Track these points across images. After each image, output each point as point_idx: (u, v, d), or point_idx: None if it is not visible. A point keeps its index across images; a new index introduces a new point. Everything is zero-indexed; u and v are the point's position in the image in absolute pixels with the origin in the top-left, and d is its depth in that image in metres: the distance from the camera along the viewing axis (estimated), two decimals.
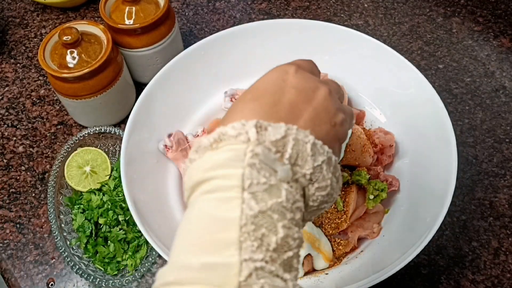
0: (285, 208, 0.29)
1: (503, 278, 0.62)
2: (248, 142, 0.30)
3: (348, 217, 0.60)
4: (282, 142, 0.31)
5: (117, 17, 0.70)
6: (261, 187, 0.29)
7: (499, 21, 0.86)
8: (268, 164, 0.30)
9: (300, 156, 0.31)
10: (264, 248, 0.27)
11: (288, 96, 0.34)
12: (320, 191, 0.33)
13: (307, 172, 0.31)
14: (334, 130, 0.35)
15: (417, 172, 0.63)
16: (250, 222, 0.27)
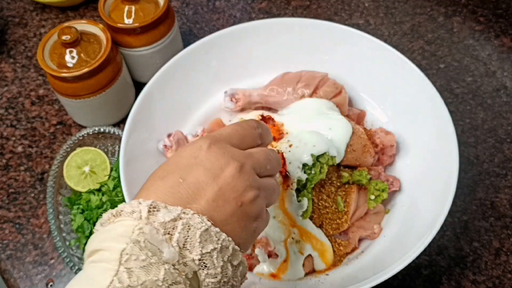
0: (159, 287, 0.30)
1: (504, 278, 0.61)
2: (139, 220, 0.32)
3: (349, 217, 0.60)
4: (172, 225, 0.32)
5: (116, 17, 0.70)
6: (139, 264, 0.30)
7: (500, 20, 0.86)
8: (154, 244, 0.31)
9: (188, 240, 0.32)
10: None
11: (194, 175, 0.35)
12: (210, 277, 0.33)
13: (195, 257, 0.32)
14: (241, 210, 0.36)
15: (418, 172, 0.63)
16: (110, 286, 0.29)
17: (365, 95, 0.71)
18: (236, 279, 0.35)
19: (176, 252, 0.32)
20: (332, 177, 0.61)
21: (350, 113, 0.69)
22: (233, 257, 0.35)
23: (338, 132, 0.61)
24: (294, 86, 0.67)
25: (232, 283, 0.35)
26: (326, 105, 0.65)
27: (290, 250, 0.58)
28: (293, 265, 0.58)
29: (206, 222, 0.33)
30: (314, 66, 0.70)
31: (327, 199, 0.60)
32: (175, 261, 0.31)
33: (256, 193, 0.37)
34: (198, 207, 0.34)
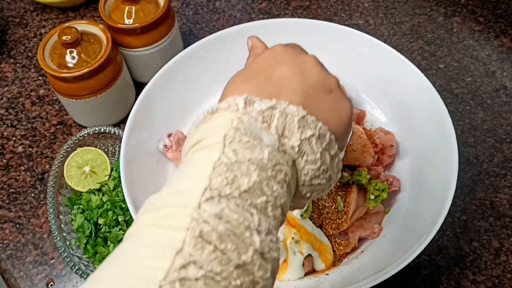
0: (265, 165, 0.30)
1: (503, 278, 0.61)
2: (237, 111, 0.32)
3: (349, 217, 0.60)
4: (269, 113, 0.32)
5: (116, 17, 0.70)
6: (242, 145, 0.30)
7: (499, 20, 0.86)
8: (253, 131, 0.31)
9: (287, 127, 0.32)
10: (234, 186, 0.28)
11: (278, 72, 0.35)
12: (310, 164, 0.32)
13: (294, 144, 0.32)
14: (331, 97, 0.35)
15: (418, 172, 0.63)
16: (224, 165, 0.29)
17: (364, 95, 0.71)
18: (333, 171, 0.35)
19: (276, 139, 0.31)
20: None
21: None
22: (330, 146, 0.34)
23: None
24: None
25: (330, 174, 0.34)
26: None
27: (290, 250, 0.58)
28: (293, 265, 0.58)
29: (301, 110, 0.32)
30: None
31: (327, 199, 0.60)
32: (275, 147, 0.31)
33: (337, 79, 0.37)
34: (288, 97, 0.33)
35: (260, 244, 0.27)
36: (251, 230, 0.27)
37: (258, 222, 0.27)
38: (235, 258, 0.25)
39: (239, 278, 0.25)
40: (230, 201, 0.27)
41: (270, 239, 0.28)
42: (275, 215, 0.29)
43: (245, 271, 0.26)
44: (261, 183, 0.29)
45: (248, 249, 0.26)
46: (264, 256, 0.27)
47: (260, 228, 0.27)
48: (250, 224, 0.27)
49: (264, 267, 0.27)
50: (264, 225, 0.28)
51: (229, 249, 0.25)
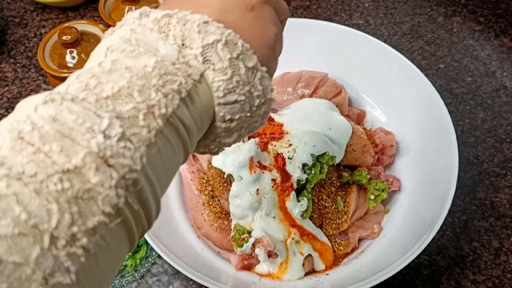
0: (148, 73, 0.26)
1: (504, 278, 0.61)
2: (132, 24, 0.29)
3: (349, 217, 0.60)
4: (167, 21, 0.29)
5: (116, 17, 0.70)
6: (126, 54, 0.27)
7: (500, 20, 0.86)
8: (147, 42, 0.28)
9: (186, 34, 0.28)
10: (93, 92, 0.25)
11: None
12: (219, 74, 0.28)
13: (196, 52, 0.28)
14: (253, 14, 0.31)
15: (418, 172, 0.63)
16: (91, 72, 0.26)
17: (364, 95, 0.71)
18: (255, 87, 0.30)
19: (176, 49, 0.28)
20: (332, 177, 0.61)
21: (350, 113, 0.69)
22: (245, 56, 0.29)
23: (338, 132, 0.62)
24: (294, 86, 0.68)
25: (249, 89, 0.30)
26: (326, 105, 0.65)
27: (290, 250, 0.58)
28: (293, 265, 0.58)
29: (204, 16, 0.29)
30: (314, 66, 0.70)
31: (327, 199, 0.60)
32: (174, 59, 0.28)
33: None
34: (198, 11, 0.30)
35: (98, 147, 0.23)
36: (94, 133, 0.23)
37: (107, 126, 0.23)
38: (62, 161, 0.22)
39: (63, 183, 0.21)
40: (76, 105, 0.24)
41: (124, 146, 0.23)
42: (151, 126, 0.25)
43: (77, 177, 0.22)
44: (131, 89, 0.25)
45: (80, 151, 0.22)
46: (106, 160, 0.23)
47: (109, 132, 0.23)
48: (93, 126, 0.23)
49: (105, 174, 0.22)
50: (117, 129, 0.24)
51: (54, 151, 0.22)
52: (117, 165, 0.23)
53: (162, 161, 0.26)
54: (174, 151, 0.27)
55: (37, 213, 0.20)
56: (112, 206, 0.22)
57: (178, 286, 0.61)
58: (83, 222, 0.21)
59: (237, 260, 0.59)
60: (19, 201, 0.20)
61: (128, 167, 0.23)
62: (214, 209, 0.61)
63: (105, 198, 0.22)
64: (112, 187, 0.23)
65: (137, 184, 0.24)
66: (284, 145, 0.60)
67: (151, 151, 0.25)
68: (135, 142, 0.24)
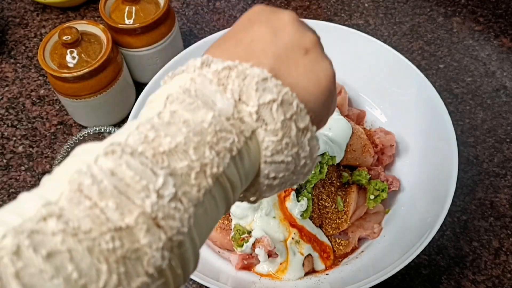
0: (204, 129, 0.26)
1: (503, 278, 0.61)
2: (193, 73, 0.29)
3: (349, 217, 0.60)
4: (226, 74, 0.28)
5: (117, 17, 0.70)
6: (185, 106, 0.26)
7: (499, 20, 0.86)
8: (205, 94, 0.27)
9: (244, 91, 0.28)
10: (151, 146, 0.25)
11: (250, 33, 0.31)
12: (270, 135, 0.28)
13: (251, 110, 0.27)
14: (309, 59, 0.31)
15: (418, 172, 0.63)
16: (150, 124, 0.26)
17: (364, 95, 0.71)
18: (303, 149, 0.29)
19: (232, 104, 0.27)
20: (332, 177, 0.61)
21: (349, 113, 0.69)
22: (298, 116, 0.29)
23: (337, 132, 0.62)
24: None
25: (298, 151, 0.29)
26: None
27: (290, 250, 0.58)
28: (293, 265, 0.58)
29: (264, 72, 0.28)
30: None
31: (327, 199, 0.60)
32: (229, 113, 0.27)
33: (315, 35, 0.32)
34: (256, 61, 0.29)
35: (151, 207, 0.23)
36: (149, 191, 0.23)
37: (162, 185, 0.23)
38: (116, 219, 0.22)
39: (114, 242, 0.21)
40: (134, 159, 0.24)
41: (175, 207, 0.24)
42: (201, 185, 0.25)
43: (127, 236, 0.22)
44: (187, 146, 0.25)
45: (134, 210, 0.22)
46: (157, 222, 0.23)
47: (163, 192, 0.23)
48: (149, 185, 0.23)
49: (154, 235, 0.22)
50: (170, 189, 0.24)
51: (110, 208, 0.22)
52: (166, 226, 0.23)
53: (206, 219, 0.26)
54: (218, 209, 0.27)
55: (87, 272, 0.21)
56: (155, 268, 0.23)
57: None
58: (128, 283, 0.22)
59: (237, 260, 0.59)
60: (72, 259, 0.20)
61: (176, 229, 0.23)
62: None
63: (151, 259, 0.22)
64: (159, 249, 0.23)
65: (182, 246, 0.24)
66: None
67: (198, 211, 0.25)
68: (185, 203, 0.24)
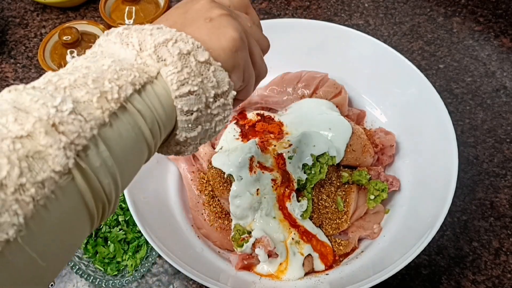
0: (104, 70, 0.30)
1: (503, 278, 0.61)
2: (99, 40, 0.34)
3: (349, 217, 0.60)
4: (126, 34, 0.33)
5: (117, 17, 0.70)
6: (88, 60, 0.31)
7: (499, 21, 0.86)
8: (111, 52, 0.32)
9: (142, 40, 0.32)
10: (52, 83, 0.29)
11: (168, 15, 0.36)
12: (171, 68, 0.32)
13: (150, 52, 0.32)
14: (211, 24, 0.35)
15: (418, 172, 0.63)
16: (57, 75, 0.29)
17: (364, 95, 0.71)
18: (209, 79, 0.33)
19: (133, 53, 0.32)
20: (332, 177, 0.61)
21: (350, 113, 0.69)
22: (197, 52, 0.33)
23: (338, 132, 0.62)
24: (294, 86, 0.68)
25: (203, 80, 0.33)
26: (326, 105, 0.65)
27: (290, 250, 0.58)
28: (293, 265, 0.58)
29: (159, 25, 0.33)
30: (314, 66, 0.70)
31: (327, 199, 0.60)
32: (132, 60, 0.32)
33: (226, 12, 0.36)
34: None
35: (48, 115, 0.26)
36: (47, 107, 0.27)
37: (60, 102, 0.27)
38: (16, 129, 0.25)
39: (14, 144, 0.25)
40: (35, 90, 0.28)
41: (74, 118, 0.27)
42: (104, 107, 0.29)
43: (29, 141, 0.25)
44: (86, 79, 0.29)
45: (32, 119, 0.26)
46: (56, 128, 0.26)
47: (61, 107, 0.27)
48: (47, 102, 0.27)
49: (54, 137, 0.26)
50: (68, 105, 0.27)
51: (9, 122, 0.26)
52: (66, 131, 0.27)
53: (121, 143, 0.29)
54: (136, 139, 0.31)
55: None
56: (62, 166, 0.26)
57: (178, 286, 0.61)
58: (32, 175, 0.25)
59: (237, 260, 0.59)
60: None
61: (77, 133, 0.27)
62: (214, 209, 0.61)
63: (55, 158, 0.26)
64: (60, 149, 0.26)
65: (87, 149, 0.27)
66: (284, 145, 0.60)
67: (105, 129, 0.29)
68: (86, 116, 0.28)
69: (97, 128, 0.28)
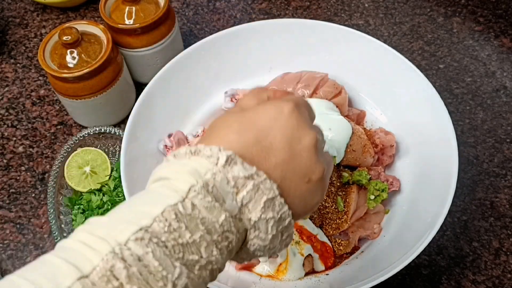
0: (215, 229, 0.30)
1: (503, 278, 0.61)
2: (215, 166, 0.32)
3: (349, 217, 0.60)
4: (243, 182, 0.32)
5: (117, 17, 0.70)
6: (203, 203, 0.30)
7: (499, 21, 0.86)
8: (220, 192, 0.31)
9: (252, 202, 0.32)
10: (172, 236, 0.29)
11: (271, 139, 0.34)
12: (259, 240, 0.33)
13: (252, 218, 0.32)
14: (307, 186, 0.35)
15: (418, 172, 0.63)
16: (175, 213, 0.29)
17: (365, 96, 0.71)
18: (279, 248, 0.35)
19: (237, 207, 0.32)
20: (332, 177, 0.61)
21: (350, 113, 0.69)
22: (286, 229, 0.34)
23: (338, 132, 0.62)
24: (294, 86, 0.68)
25: (274, 250, 0.35)
26: (326, 105, 0.65)
27: (290, 251, 0.58)
28: (293, 265, 0.58)
29: (275, 190, 0.33)
30: (314, 67, 0.70)
31: (327, 199, 0.60)
32: (233, 214, 0.32)
33: (324, 170, 0.36)
34: (268, 170, 0.33)
35: None
36: (167, 281, 0.27)
37: (178, 276, 0.28)
38: None
39: None
40: (160, 248, 0.28)
41: None
42: (201, 276, 0.30)
43: None
44: (200, 244, 0.30)
45: None
46: None
47: (178, 282, 0.28)
48: (168, 275, 0.27)
49: None
50: (183, 280, 0.28)
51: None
52: None
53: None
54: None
55: None
56: None
57: None
58: None
59: None
60: None
61: None
62: None
63: None
64: None
65: None
66: None
67: None
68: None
69: None
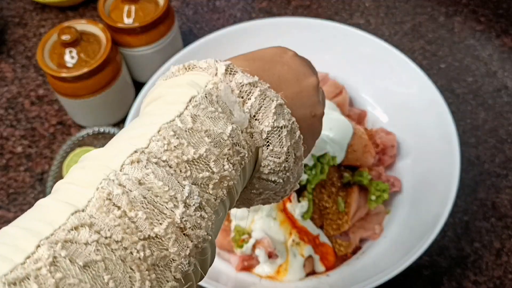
0: (223, 141, 0.27)
1: (505, 279, 0.61)
2: (214, 76, 0.29)
3: (350, 218, 0.60)
4: (249, 89, 0.29)
5: (116, 16, 0.70)
6: (207, 113, 0.27)
7: (501, 20, 0.86)
8: (226, 103, 0.28)
9: (262, 110, 0.29)
10: (174, 154, 0.25)
11: (279, 69, 0.33)
12: (274, 157, 0.30)
13: (264, 129, 0.29)
14: (312, 120, 0.33)
15: (419, 172, 0.63)
16: (173, 129, 0.26)
17: (365, 95, 0.71)
18: (293, 175, 0.32)
19: (247, 117, 0.28)
20: (332, 177, 0.61)
21: (350, 113, 0.69)
22: (297, 146, 0.31)
23: (338, 132, 0.61)
24: None
25: (289, 175, 0.31)
26: (326, 105, 0.65)
27: (290, 252, 0.58)
28: (293, 266, 0.58)
29: (281, 98, 0.30)
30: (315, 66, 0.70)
31: (328, 199, 0.60)
32: (244, 127, 0.28)
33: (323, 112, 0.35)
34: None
35: (180, 217, 0.23)
36: (177, 201, 0.24)
37: (188, 194, 0.24)
38: (146, 228, 0.23)
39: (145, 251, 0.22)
40: (161, 168, 0.24)
41: (200, 215, 0.25)
42: (218, 195, 0.26)
43: (156, 245, 0.23)
44: (209, 158, 0.26)
45: (163, 220, 0.23)
46: (184, 231, 0.24)
47: (190, 201, 0.24)
48: (177, 194, 0.24)
49: (182, 244, 0.23)
50: (195, 199, 0.24)
51: (139, 218, 0.23)
52: (193, 235, 0.24)
53: (219, 224, 0.28)
54: (226, 214, 0.29)
55: (122, 280, 0.21)
56: (182, 273, 0.24)
57: None
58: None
59: (237, 261, 0.58)
60: (107, 268, 0.21)
61: (202, 237, 0.25)
62: None
63: (179, 266, 0.24)
64: (186, 257, 0.24)
65: (205, 251, 0.25)
66: None
67: (216, 218, 0.26)
68: (208, 212, 0.25)
69: (214, 223, 0.26)
